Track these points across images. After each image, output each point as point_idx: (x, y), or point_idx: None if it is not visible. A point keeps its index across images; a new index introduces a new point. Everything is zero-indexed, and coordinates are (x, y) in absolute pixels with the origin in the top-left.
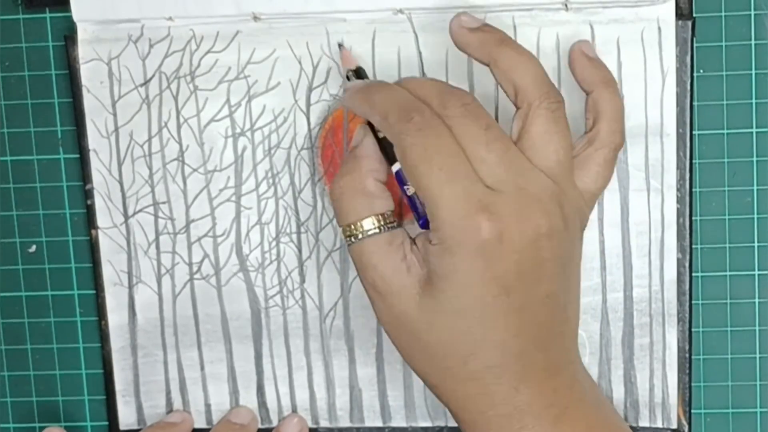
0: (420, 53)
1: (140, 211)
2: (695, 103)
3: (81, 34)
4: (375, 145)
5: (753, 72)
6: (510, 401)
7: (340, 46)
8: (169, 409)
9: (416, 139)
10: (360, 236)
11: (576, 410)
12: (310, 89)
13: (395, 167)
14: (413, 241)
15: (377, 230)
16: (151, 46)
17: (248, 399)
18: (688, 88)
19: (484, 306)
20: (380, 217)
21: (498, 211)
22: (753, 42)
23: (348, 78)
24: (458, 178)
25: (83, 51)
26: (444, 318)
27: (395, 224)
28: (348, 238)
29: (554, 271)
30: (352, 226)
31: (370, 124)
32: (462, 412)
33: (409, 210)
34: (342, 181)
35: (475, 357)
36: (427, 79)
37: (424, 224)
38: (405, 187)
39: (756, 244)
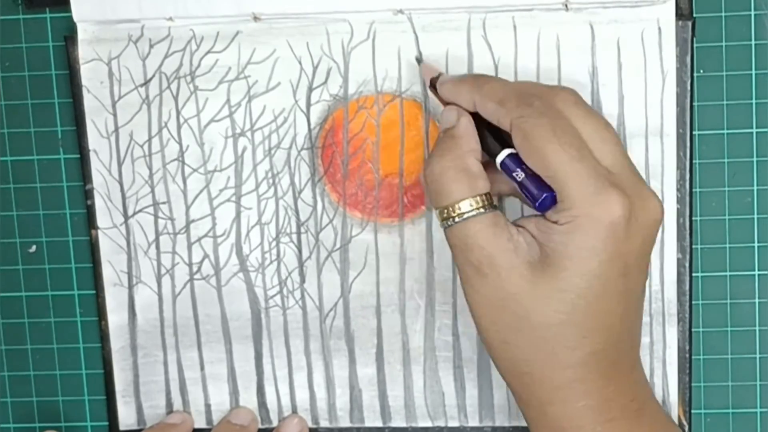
0: (420, 53)
1: (140, 211)
2: (695, 103)
3: (81, 34)
4: (472, 126)
5: (753, 72)
6: (601, 392)
7: (419, 61)
8: (169, 410)
9: (541, 120)
10: (462, 217)
11: (651, 406)
12: (310, 89)
13: (502, 155)
14: (516, 224)
15: (481, 210)
16: (151, 46)
17: (248, 399)
18: (688, 88)
19: (605, 285)
20: (484, 197)
21: (624, 189)
22: (753, 42)
23: (432, 87)
24: (586, 157)
25: (83, 51)
26: (563, 297)
27: (494, 206)
28: (446, 220)
29: (650, 260)
30: (455, 206)
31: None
32: (551, 405)
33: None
34: (443, 160)
35: (586, 341)
36: (529, 81)
37: (543, 205)
38: (515, 173)
39: (756, 244)
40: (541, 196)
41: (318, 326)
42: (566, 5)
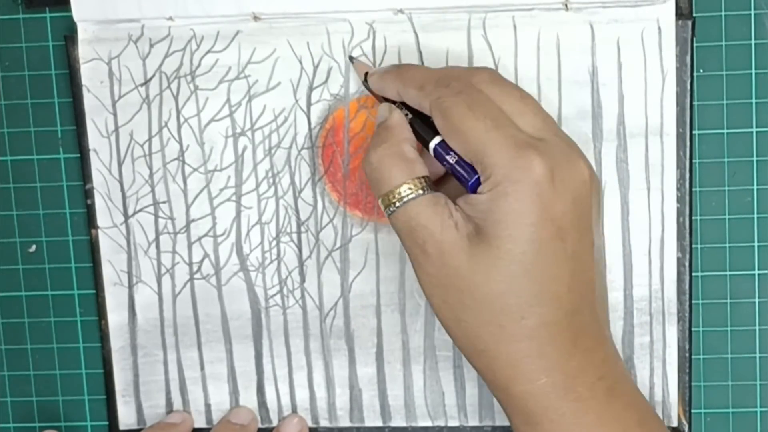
0: (420, 53)
1: (140, 210)
2: (695, 103)
3: (81, 34)
4: (404, 117)
5: (753, 72)
6: (563, 367)
7: (351, 59)
8: (169, 409)
9: (458, 99)
10: (402, 201)
11: (623, 385)
12: (310, 89)
13: (433, 143)
14: (455, 203)
15: (420, 192)
16: (151, 45)
17: (248, 399)
18: (688, 87)
19: (540, 248)
20: (421, 179)
21: (546, 152)
22: (753, 42)
23: (365, 84)
24: (503, 125)
25: (83, 51)
26: (501, 266)
27: (432, 188)
28: (389, 207)
29: (596, 221)
30: (395, 192)
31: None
32: (513, 383)
33: None
34: (379, 149)
35: (532, 310)
36: (450, 66)
37: (473, 186)
38: (446, 159)
39: (756, 244)
40: (472, 177)
41: (318, 326)
42: (566, 5)
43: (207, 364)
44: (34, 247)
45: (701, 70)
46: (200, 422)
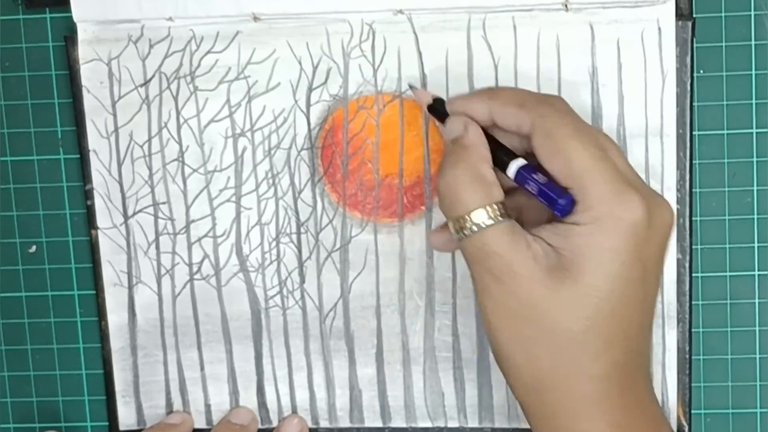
0: (420, 53)
1: (140, 211)
2: (695, 104)
3: (81, 35)
4: (482, 135)
5: (753, 72)
6: (625, 408)
7: (411, 87)
8: (169, 410)
9: (565, 120)
10: (478, 227)
11: (665, 428)
12: (310, 89)
13: (516, 164)
14: (532, 233)
15: (499, 218)
16: (151, 46)
17: (248, 399)
18: (688, 88)
19: (626, 289)
20: (499, 205)
21: (642, 193)
22: (753, 42)
23: (432, 110)
24: (609, 158)
25: (83, 51)
26: (586, 303)
27: (509, 215)
28: (462, 230)
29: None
30: (470, 216)
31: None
32: (575, 422)
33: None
34: (456, 169)
35: (609, 350)
36: None
37: (564, 209)
38: (528, 183)
39: (756, 244)
40: (563, 199)
41: (318, 326)
42: (566, 5)
43: (207, 365)
44: (34, 247)
45: (701, 71)
46: (200, 423)
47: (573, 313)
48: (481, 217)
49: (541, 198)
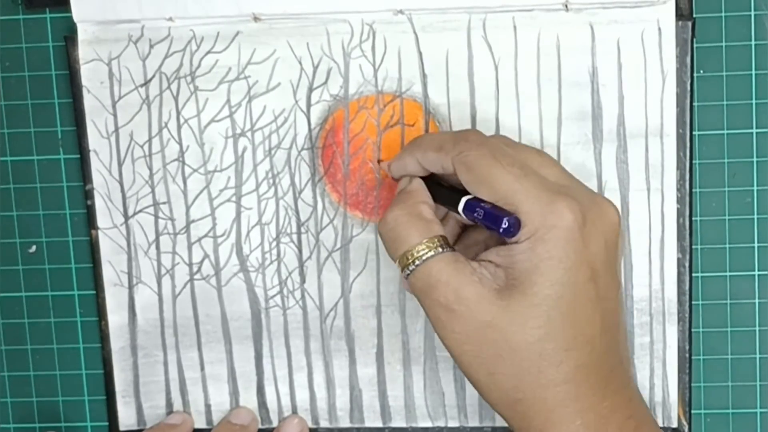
0: (420, 53)
1: (140, 211)
2: (695, 104)
3: (81, 35)
4: (422, 184)
5: (753, 72)
6: (596, 408)
7: (379, 162)
8: (169, 410)
9: (481, 150)
10: (421, 260)
11: (648, 425)
12: (310, 89)
13: (463, 200)
14: (478, 260)
15: (439, 249)
16: (151, 46)
17: (248, 399)
18: (688, 88)
19: (576, 292)
20: (439, 238)
21: (575, 197)
22: (753, 42)
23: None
24: (531, 173)
25: (83, 51)
26: (538, 312)
27: (451, 247)
28: (407, 267)
29: (620, 264)
30: (412, 251)
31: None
32: (549, 428)
33: None
34: (396, 210)
35: (569, 354)
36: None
37: (508, 231)
38: (476, 212)
39: (756, 244)
40: (504, 222)
41: (318, 326)
42: (566, 6)
43: (207, 365)
44: (34, 247)
45: (701, 71)
46: (200, 423)
47: (526, 325)
48: (422, 250)
49: (488, 222)
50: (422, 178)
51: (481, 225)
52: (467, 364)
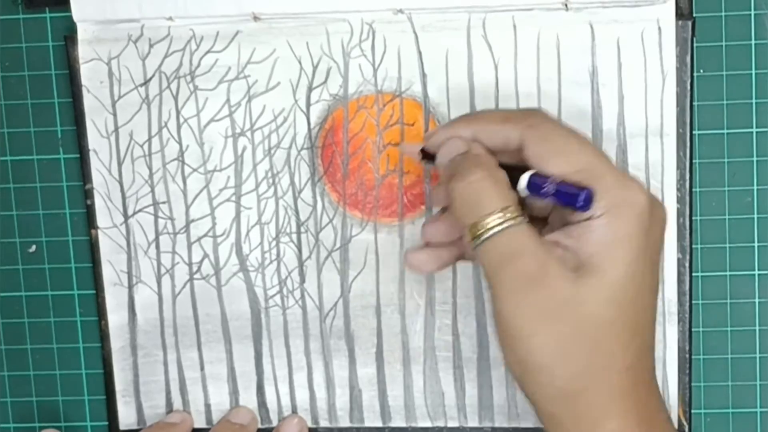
0: (420, 53)
1: (140, 211)
2: (695, 103)
3: (81, 34)
4: (486, 150)
5: (753, 72)
6: (645, 401)
7: (400, 147)
8: (169, 410)
9: (552, 124)
10: (501, 227)
11: (670, 427)
12: (310, 89)
13: (525, 177)
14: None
15: (521, 218)
16: (151, 46)
17: (248, 399)
18: (688, 88)
19: (643, 276)
20: (519, 207)
21: (641, 184)
22: (753, 42)
23: (424, 157)
24: (603, 152)
25: (83, 51)
26: (612, 293)
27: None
28: (484, 233)
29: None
30: (494, 218)
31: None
32: (606, 421)
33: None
34: (473, 174)
35: (636, 336)
36: None
37: (585, 203)
38: (544, 188)
39: (756, 244)
40: (580, 194)
41: (318, 326)
42: (566, 5)
43: (207, 365)
44: (34, 247)
45: (701, 71)
46: (200, 422)
47: (602, 304)
48: (503, 217)
49: (559, 198)
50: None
51: (549, 201)
52: (535, 348)
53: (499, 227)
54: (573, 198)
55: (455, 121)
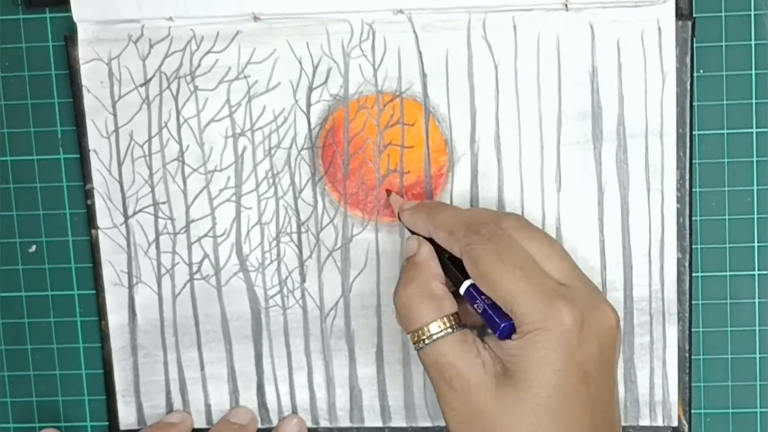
0: (420, 53)
1: (140, 211)
2: (695, 103)
3: (81, 35)
4: (433, 253)
5: (753, 72)
6: None
7: (388, 193)
8: (169, 410)
9: (487, 246)
10: (431, 339)
11: None
12: (310, 89)
13: (465, 285)
14: (482, 340)
15: (449, 330)
16: (151, 46)
17: (248, 399)
18: (688, 88)
19: (566, 394)
20: (450, 317)
21: (573, 300)
22: (753, 42)
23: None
24: (533, 274)
25: (83, 51)
26: (527, 408)
27: (462, 324)
28: (418, 343)
29: (616, 365)
30: (424, 329)
31: (433, 244)
32: None
33: None
34: (408, 288)
35: None
36: (479, 208)
37: (502, 333)
38: (476, 304)
39: (756, 244)
40: (500, 325)
41: (318, 326)
42: (566, 5)
43: (207, 365)
44: (34, 247)
45: (701, 71)
46: (200, 422)
47: (516, 418)
48: (433, 329)
49: (485, 318)
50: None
51: (476, 313)
52: None
53: (428, 339)
54: (493, 326)
55: (421, 207)
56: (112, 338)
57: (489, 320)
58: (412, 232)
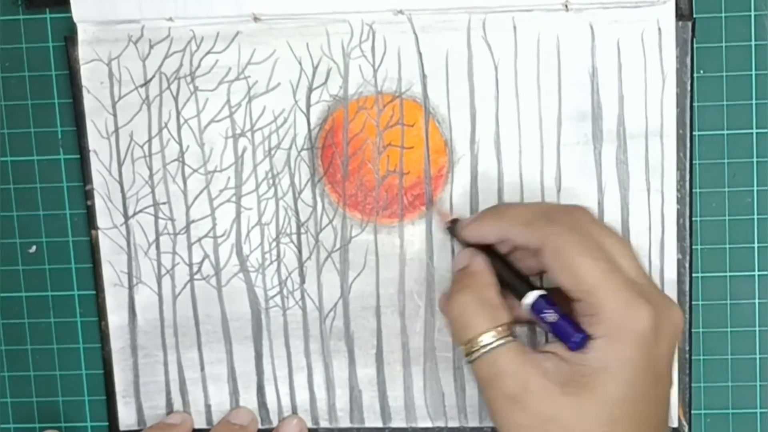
0: (420, 53)
1: (140, 211)
2: (695, 104)
3: (81, 35)
4: (488, 262)
5: (753, 72)
6: None
7: (434, 206)
8: (169, 410)
9: (570, 236)
10: (486, 349)
11: None
12: (310, 90)
13: (531, 297)
14: (541, 351)
15: (508, 338)
16: (151, 46)
17: (248, 399)
18: (688, 88)
19: (642, 393)
20: (506, 326)
21: (651, 300)
22: (753, 42)
23: (449, 230)
24: (616, 270)
25: (83, 51)
26: (604, 411)
27: (516, 336)
28: (472, 353)
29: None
30: (478, 339)
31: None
32: None
33: None
34: (462, 295)
35: None
36: (544, 202)
37: (577, 344)
38: (544, 315)
39: (756, 245)
40: (578, 337)
41: (318, 327)
42: (566, 6)
43: (207, 365)
44: (34, 247)
45: (701, 71)
46: (200, 423)
47: (592, 422)
48: (488, 338)
49: (556, 330)
50: (480, 246)
51: (546, 328)
52: None
53: (484, 349)
54: (567, 337)
55: (486, 214)
56: (112, 339)
57: (561, 331)
58: (464, 246)
